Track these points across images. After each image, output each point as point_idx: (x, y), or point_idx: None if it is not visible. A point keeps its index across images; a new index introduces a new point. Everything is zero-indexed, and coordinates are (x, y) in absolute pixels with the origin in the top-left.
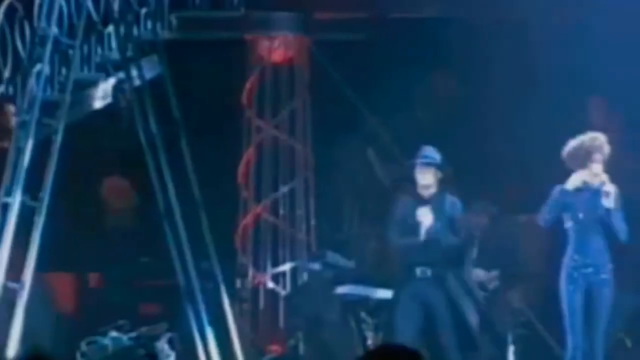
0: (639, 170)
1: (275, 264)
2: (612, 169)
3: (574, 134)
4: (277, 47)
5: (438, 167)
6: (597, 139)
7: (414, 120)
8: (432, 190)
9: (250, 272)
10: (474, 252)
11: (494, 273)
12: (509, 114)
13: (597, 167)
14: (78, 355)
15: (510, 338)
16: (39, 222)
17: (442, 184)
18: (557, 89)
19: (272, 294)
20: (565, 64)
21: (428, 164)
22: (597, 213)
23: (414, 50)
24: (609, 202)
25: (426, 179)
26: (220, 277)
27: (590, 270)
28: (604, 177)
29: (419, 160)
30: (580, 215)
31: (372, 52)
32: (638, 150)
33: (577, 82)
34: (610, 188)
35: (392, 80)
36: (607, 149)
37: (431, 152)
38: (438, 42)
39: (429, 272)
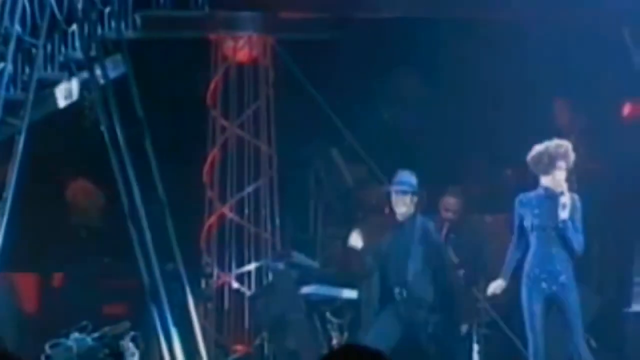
0: (600, 172)
1: (240, 264)
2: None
3: (539, 135)
4: (242, 46)
5: (414, 193)
6: (562, 146)
7: (378, 120)
8: (408, 214)
9: (215, 272)
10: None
11: (460, 272)
12: (474, 114)
13: (560, 175)
14: (42, 358)
15: (475, 337)
16: (2, 221)
17: (416, 206)
18: (523, 89)
19: (237, 294)
20: (531, 64)
21: (404, 192)
22: (555, 222)
23: (379, 50)
24: (564, 214)
25: (403, 206)
26: (185, 277)
27: (550, 276)
28: (565, 186)
29: (395, 188)
30: (540, 222)
31: (337, 52)
32: (599, 151)
33: (542, 83)
34: (566, 200)
35: (356, 80)
36: (571, 156)
37: (407, 178)
38: (403, 43)
39: (404, 293)
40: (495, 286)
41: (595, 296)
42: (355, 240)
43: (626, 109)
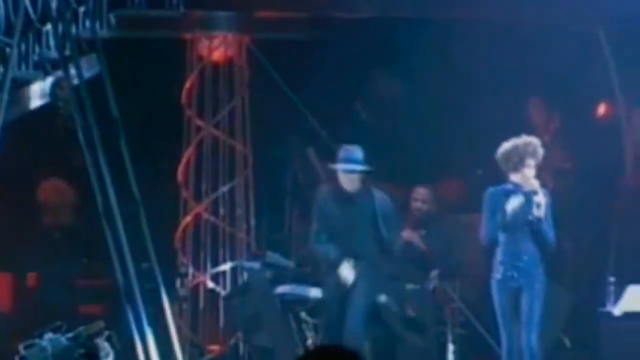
0: (575, 171)
1: (215, 263)
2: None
3: (515, 134)
4: (217, 46)
5: (362, 172)
6: (531, 144)
7: (354, 120)
8: (356, 188)
9: (190, 271)
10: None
11: (434, 272)
12: (451, 113)
13: (529, 172)
14: (17, 359)
15: (449, 337)
16: None
17: (365, 180)
18: (498, 89)
19: (212, 294)
20: (508, 64)
21: (353, 171)
22: (526, 218)
23: (356, 50)
24: (539, 212)
25: (350, 183)
26: (160, 277)
27: (519, 272)
28: (536, 183)
29: (343, 166)
30: (510, 220)
31: (313, 52)
32: (574, 151)
33: (518, 83)
34: (541, 199)
35: (333, 79)
36: (540, 153)
37: (356, 155)
38: (379, 42)
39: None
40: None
41: (568, 295)
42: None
43: (601, 109)
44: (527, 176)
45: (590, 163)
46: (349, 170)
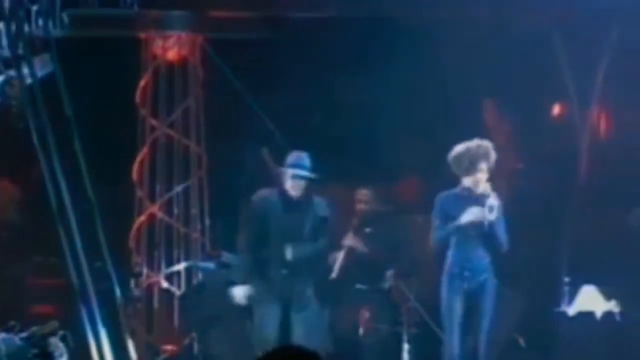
0: (529, 172)
1: (170, 263)
2: (502, 169)
3: (470, 135)
4: (171, 45)
5: (309, 179)
6: (483, 147)
7: (309, 121)
8: (300, 195)
9: (145, 271)
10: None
11: (390, 272)
12: (406, 114)
13: (481, 176)
14: None
15: (404, 337)
16: None
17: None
18: (453, 89)
19: (166, 294)
20: (463, 64)
21: (300, 177)
22: (479, 222)
23: (310, 50)
24: (492, 216)
25: (298, 190)
26: (114, 277)
27: (470, 275)
28: (487, 186)
29: (291, 171)
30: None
31: (268, 52)
32: (528, 152)
33: (473, 83)
34: (494, 202)
35: (287, 80)
36: (493, 156)
37: (305, 161)
38: (335, 42)
39: (284, 271)
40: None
41: (521, 296)
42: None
43: (555, 110)
44: (479, 179)
45: (544, 164)
46: (298, 175)
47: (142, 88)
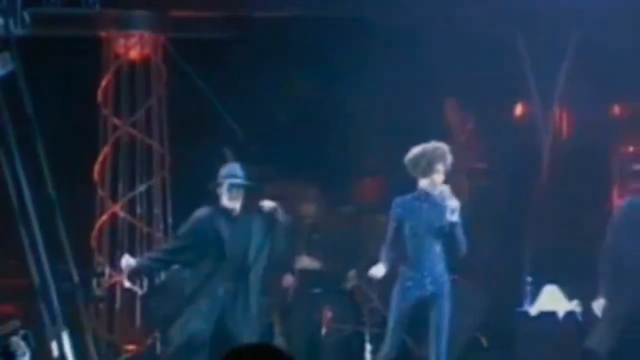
0: (491, 172)
1: None
2: (465, 169)
3: (432, 136)
4: (133, 44)
5: (247, 188)
6: (439, 149)
7: (272, 120)
8: (238, 208)
9: (107, 271)
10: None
11: (352, 272)
12: (369, 114)
13: (438, 178)
14: None
15: (367, 337)
16: None
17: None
18: (415, 89)
19: (128, 294)
20: (426, 65)
21: (238, 187)
22: (435, 225)
23: (273, 50)
24: (453, 217)
25: (234, 201)
26: (76, 277)
27: (424, 281)
28: (445, 188)
29: (226, 182)
30: (417, 224)
31: (230, 51)
32: (490, 152)
33: (436, 84)
34: (454, 203)
35: (250, 79)
36: (449, 159)
37: (237, 171)
38: (298, 42)
39: (230, 286)
40: (376, 271)
41: (483, 295)
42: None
43: (517, 110)
44: (435, 182)
45: (507, 163)
46: (234, 184)
47: (104, 87)
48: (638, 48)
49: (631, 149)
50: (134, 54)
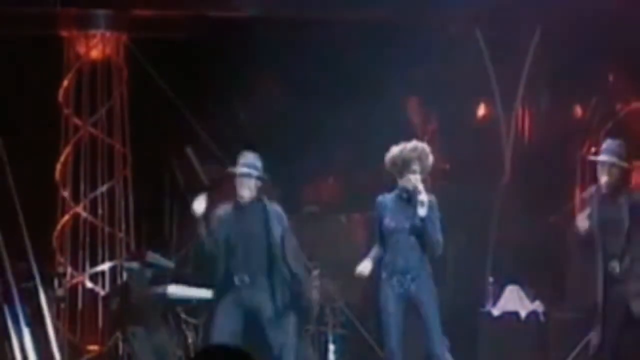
0: (454, 172)
1: (94, 263)
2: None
3: (395, 135)
4: (94, 44)
5: (258, 178)
6: (417, 149)
7: (234, 120)
8: (251, 198)
9: (69, 271)
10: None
11: (315, 272)
12: (331, 114)
13: (414, 177)
14: None
15: (330, 337)
16: None
17: (261, 191)
18: (378, 88)
19: (90, 294)
20: (387, 64)
21: (249, 175)
22: (411, 222)
23: (235, 50)
24: (422, 211)
25: (246, 190)
26: (37, 277)
27: (406, 275)
28: (421, 187)
29: (239, 170)
30: (396, 223)
31: (192, 51)
32: (453, 152)
33: (398, 83)
34: (424, 197)
35: (212, 79)
36: (429, 159)
37: (252, 161)
38: (259, 42)
39: (246, 279)
40: (362, 268)
41: (446, 296)
42: (199, 205)
43: (480, 110)
44: (412, 181)
45: (469, 164)
46: (241, 174)
47: (65, 87)
48: (600, 47)
49: (593, 149)
50: (95, 53)
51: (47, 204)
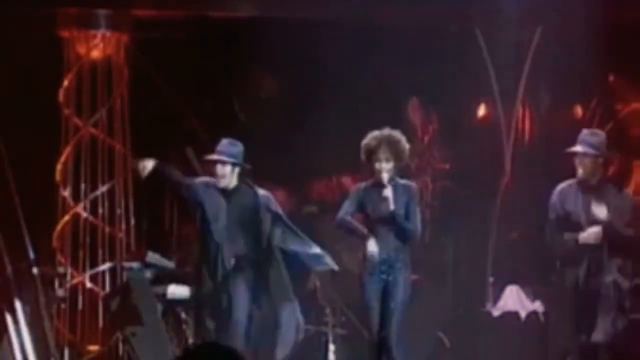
0: (454, 172)
1: (94, 263)
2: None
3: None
4: (95, 44)
5: (234, 164)
6: (379, 136)
7: (232, 119)
8: (230, 185)
9: (69, 271)
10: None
11: (315, 272)
12: (329, 114)
13: (380, 165)
14: None
15: (330, 337)
16: None
17: (240, 177)
18: (378, 88)
19: (90, 294)
20: (387, 65)
21: (222, 162)
22: (384, 213)
23: (235, 50)
24: (387, 206)
25: (223, 177)
26: (38, 277)
27: (383, 267)
28: (385, 177)
29: (212, 156)
30: (372, 214)
31: (192, 51)
32: (453, 152)
33: (397, 83)
34: (388, 193)
35: (212, 79)
36: (400, 146)
37: (227, 148)
38: (259, 42)
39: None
40: (372, 246)
41: (446, 296)
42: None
43: (480, 110)
44: (380, 169)
45: (470, 164)
46: (218, 160)
47: (65, 87)
48: (598, 47)
49: None
50: (96, 53)
51: (47, 204)
